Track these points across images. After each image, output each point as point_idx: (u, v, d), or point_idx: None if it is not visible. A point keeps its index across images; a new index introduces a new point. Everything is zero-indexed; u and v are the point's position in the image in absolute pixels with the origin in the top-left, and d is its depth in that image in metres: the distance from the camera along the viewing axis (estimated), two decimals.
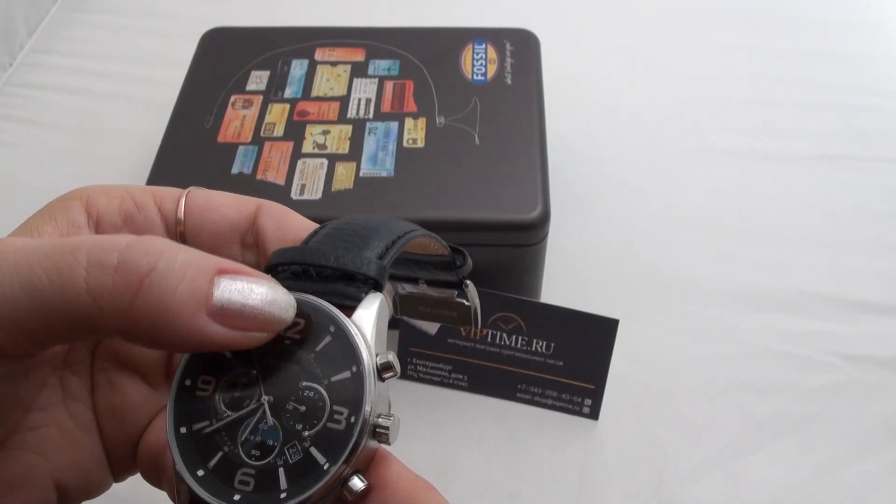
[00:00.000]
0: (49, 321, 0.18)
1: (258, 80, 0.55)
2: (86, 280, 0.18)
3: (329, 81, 0.55)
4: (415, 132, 0.51)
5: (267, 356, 0.21)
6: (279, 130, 0.51)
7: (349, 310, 0.22)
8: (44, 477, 0.22)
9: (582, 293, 0.54)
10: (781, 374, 0.50)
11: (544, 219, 0.46)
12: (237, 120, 0.52)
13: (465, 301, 0.30)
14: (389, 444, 0.21)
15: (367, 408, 0.20)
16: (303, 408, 0.21)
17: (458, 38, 0.58)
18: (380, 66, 0.56)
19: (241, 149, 0.50)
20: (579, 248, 0.57)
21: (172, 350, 0.24)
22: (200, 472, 0.21)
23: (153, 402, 0.25)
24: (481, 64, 0.56)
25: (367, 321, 0.22)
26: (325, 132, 0.51)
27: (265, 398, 0.21)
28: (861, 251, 0.57)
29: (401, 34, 0.58)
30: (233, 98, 0.54)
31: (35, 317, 0.18)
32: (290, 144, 0.50)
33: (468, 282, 0.28)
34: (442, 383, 0.49)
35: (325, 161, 0.49)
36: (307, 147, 0.50)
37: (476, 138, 0.50)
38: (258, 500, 0.20)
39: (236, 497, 0.20)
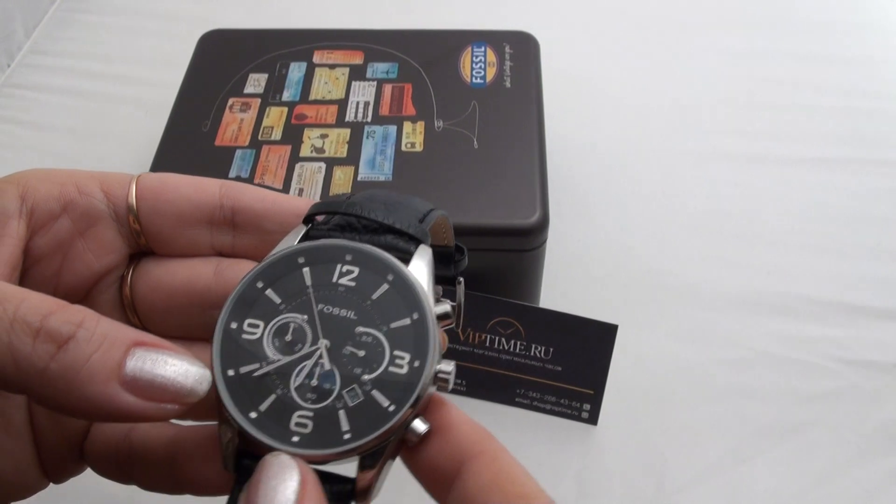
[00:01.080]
0: None
1: (256, 82, 0.56)
2: (8, 337, 0.18)
3: (327, 84, 0.55)
4: (413, 136, 0.51)
5: (319, 302, 0.22)
6: (277, 134, 0.52)
7: (403, 262, 0.22)
8: None
9: (581, 298, 0.54)
10: (781, 379, 0.51)
11: (543, 223, 0.46)
12: (235, 123, 0.53)
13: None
14: (448, 389, 0.21)
15: (433, 353, 0.21)
16: (361, 352, 0.21)
17: (456, 41, 0.58)
18: (378, 68, 0.56)
19: (238, 152, 0.51)
20: (578, 252, 0.58)
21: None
22: (253, 415, 0.20)
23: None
24: (480, 67, 0.56)
25: (422, 272, 0.22)
26: (323, 136, 0.52)
27: (322, 341, 0.21)
28: (863, 256, 0.58)
29: (399, 37, 0.59)
30: (231, 101, 0.54)
31: None
32: (288, 148, 0.51)
33: (461, 279, 0.29)
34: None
35: (323, 165, 0.50)
36: (305, 151, 0.51)
37: (475, 142, 0.51)
38: (319, 441, 0.20)
39: (294, 439, 0.20)
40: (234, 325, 0.22)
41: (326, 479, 0.20)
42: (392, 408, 0.20)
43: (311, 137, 0.52)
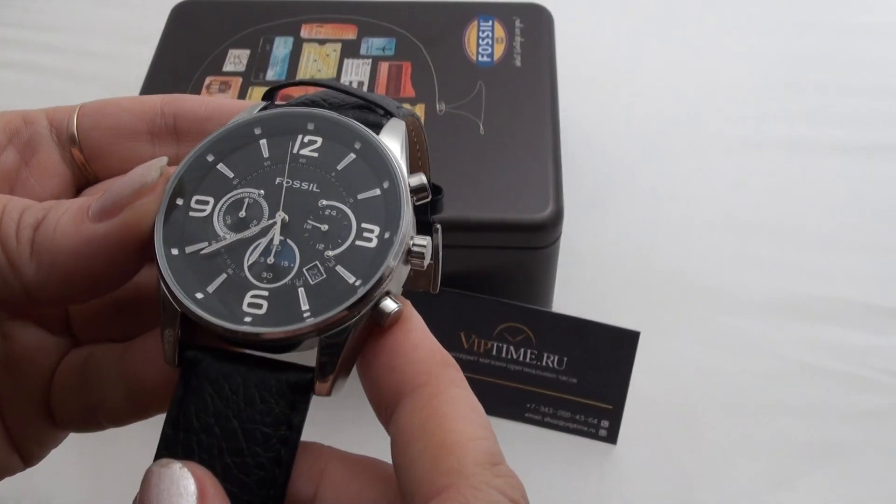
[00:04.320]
0: None
1: (236, 59, 0.57)
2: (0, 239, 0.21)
3: (317, 62, 0.56)
4: None
5: (277, 175, 0.22)
6: None
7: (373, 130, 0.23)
8: None
9: (598, 302, 0.55)
10: (823, 394, 0.52)
11: (556, 218, 0.47)
12: None
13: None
14: (423, 267, 0.22)
15: (405, 222, 0.21)
16: (324, 226, 0.22)
17: (461, 14, 0.59)
18: (374, 45, 0.57)
19: None
20: (595, 251, 0.58)
21: (84, 284, 0.24)
22: (199, 295, 0.21)
23: (57, 348, 0.26)
24: (487, 44, 0.57)
25: (394, 141, 0.23)
26: None
27: (279, 215, 0.22)
28: None
29: (397, 9, 0.59)
30: (208, 80, 0.55)
31: None
32: None
33: (438, 225, 0.28)
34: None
35: None
36: None
37: (481, 127, 0.52)
38: (275, 320, 0.20)
39: (247, 319, 0.21)
40: (179, 202, 0.22)
41: (281, 368, 0.21)
42: (358, 283, 0.21)
43: None
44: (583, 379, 0.48)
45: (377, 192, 0.22)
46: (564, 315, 0.47)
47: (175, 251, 0.21)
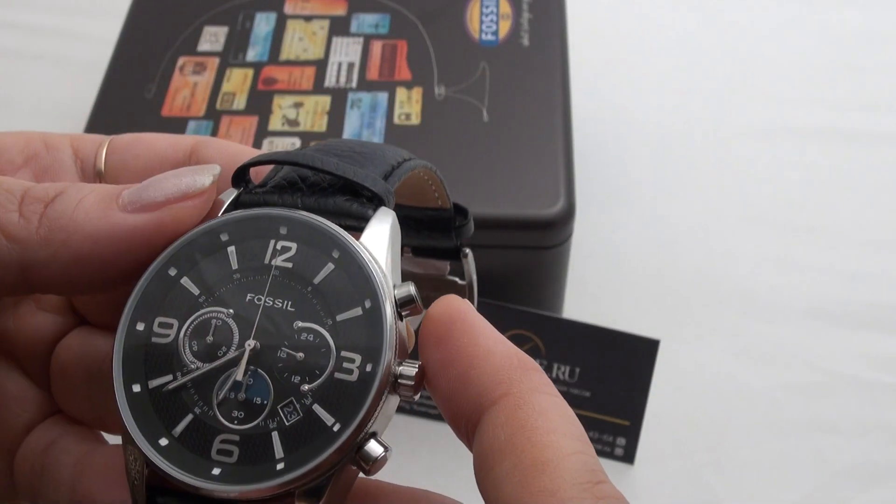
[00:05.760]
0: None
1: (213, 37, 0.56)
2: None
3: (302, 41, 0.56)
4: (408, 105, 0.51)
5: (248, 291, 0.21)
6: (240, 102, 0.52)
7: (356, 231, 0.22)
8: None
9: (614, 307, 0.55)
10: (869, 409, 0.51)
11: (567, 215, 0.47)
12: (187, 88, 0.53)
13: (458, 279, 0.30)
14: (413, 398, 0.21)
15: (388, 353, 0.20)
16: (300, 355, 0.21)
17: None
18: (365, 21, 0.57)
19: (191, 124, 0.51)
20: (610, 250, 0.58)
21: (99, 274, 0.24)
22: (163, 441, 0.20)
23: (34, 401, 0.26)
24: (492, 20, 0.56)
25: (379, 244, 0.22)
26: (298, 105, 0.52)
27: (249, 343, 0.21)
28: None
29: None
30: (181, 61, 0.55)
31: None
32: (254, 120, 0.51)
33: (467, 249, 0.28)
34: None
35: (298, 140, 0.50)
36: (275, 123, 0.51)
37: (484, 114, 0.51)
38: (246, 474, 0.20)
39: (215, 471, 0.20)
40: (140, 327, 0.22)
41: None
42: (337, 426, 0.20)
43: (282, 107, 0.52)
44: (597, 392, 0.48)
45: (358, 311, 0.21)
46: (576, 321, 0.47)
47: (137, 388, 0.21)
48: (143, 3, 0.59)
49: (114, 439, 0.25)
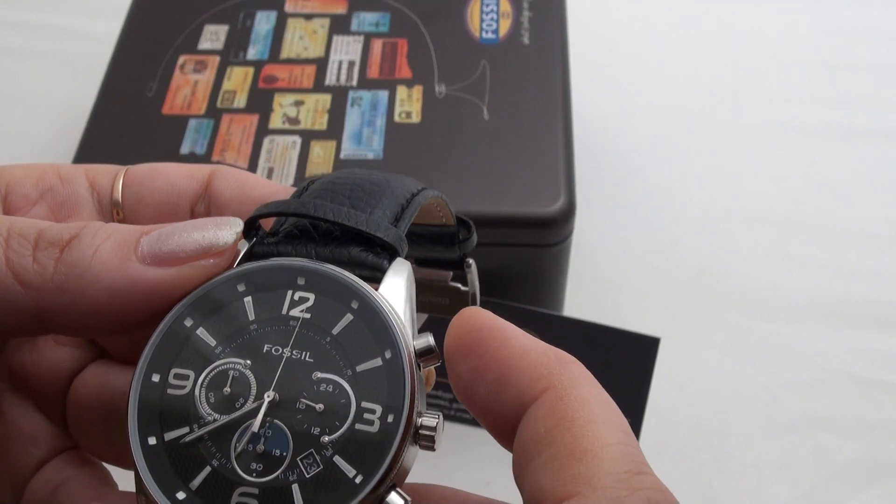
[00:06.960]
0: None
1: (214, 36, 0.56)
2: (5, 255, 0.21)
3: (303, 39, 0.56)
4: (409, 104, 0.52)
5: (265, 341, 0.22)
6: (241, 100, 0.52)
7: (373, 282, 0.22)
8: None
9: (614, 305, 0.55)
10: (869, 407, 0.51)
11: (568, 213, 0.47)
12: (187, 86, 0.53)
13: (460, 286, 0.30)
14: (434, 449, 0.21)
15: (410, 404, 0.20)
16: (319, 406, 0.21)
17: None
18: (366, 20, 0.57)
19: (192, 123, 0.51)
20: (611, 248, 0.58)
21: (114, 324, 0.24)
22: (181, 495, 0.20)
23: (47, 438, 0.26)
24: (492, 18, 0.56)
25: (397, 295, 0.22)
26: (298, 103, 0.52)
27: (268, 394, 0.21)
28: None
29: None
30: (181, 59, 0.55)
31: None
32: (255, 118, 0.51)
33: (470, 260, 0.28)
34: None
35: (298, 139, 0.50)
36: (276, 122, 0.51)
37: (485, 112, 0.51)
38: None
39: None
40: (155, 378, 0.21)
41: None
42: (359, 478, 0.20)
43: (282, 105, 0.52)
44: None
45: (378, 362, 0.21)
46: (577, 319, 0.47)
47: (153, 440, 0.21)
48: (143, 1, 0.59)
49: (123, 484, 0.25)
